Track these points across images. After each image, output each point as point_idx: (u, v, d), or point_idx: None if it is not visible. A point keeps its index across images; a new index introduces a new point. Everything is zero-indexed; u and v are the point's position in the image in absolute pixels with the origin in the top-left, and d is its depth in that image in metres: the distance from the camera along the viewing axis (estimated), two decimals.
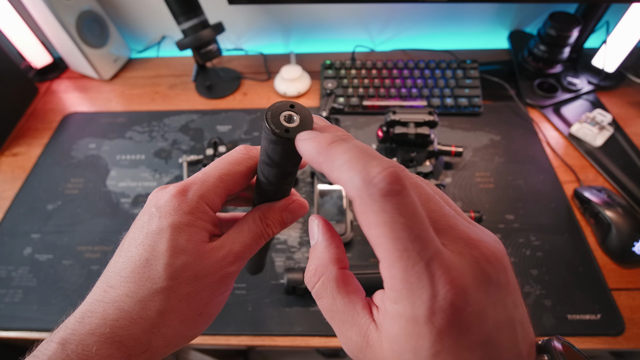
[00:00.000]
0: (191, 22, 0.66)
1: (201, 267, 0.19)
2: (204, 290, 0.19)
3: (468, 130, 0.69)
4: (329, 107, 0.66)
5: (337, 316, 0.16)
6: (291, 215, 0.22)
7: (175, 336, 0.19)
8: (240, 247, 0.20)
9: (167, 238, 0.19)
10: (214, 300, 0.20)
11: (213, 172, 0.21)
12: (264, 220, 0.22)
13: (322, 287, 0.17)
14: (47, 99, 0.80)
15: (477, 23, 0.84)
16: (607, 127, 0.66)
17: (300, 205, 0.23)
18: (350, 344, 0.16)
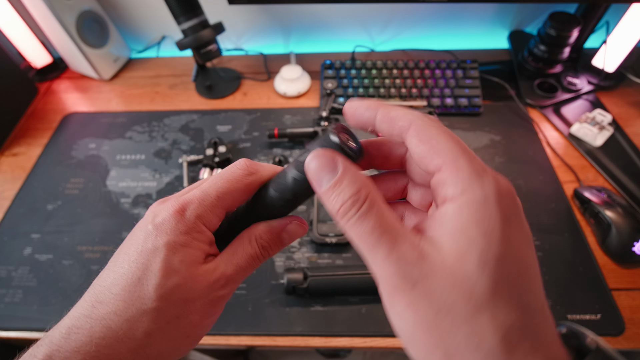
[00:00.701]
0: (191, 22, 0.66)
1: (192, 290, 0.19)
2: (194, 314, 0.19)
3: (468, 130, 0.69)
4: (329, 107, 0.66)
5: (386, 235, 0.15)
6: (289, 237, 0.22)
7: (160, 356, 0.19)
8: (233, 270, 0.20)
9: (162, 258, 0.18)
10: (203, 323, 0.20)
11: (212, 190, 0.20)
12: (260, 241, 0.21)
13: (369, 206, 0.16)
14: (47, 99, 0.80)
15: (477, 23, 0.84)
16: (607, 127, 0.66)
17: (299, 225, 0.22)
18: (402, 261, 0.15)
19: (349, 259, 0.54)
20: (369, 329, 0.48)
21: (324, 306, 0.50)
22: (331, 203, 0.16)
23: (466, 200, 0.14)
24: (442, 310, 0.14)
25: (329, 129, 0.17)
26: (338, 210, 0.16)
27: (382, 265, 0.15)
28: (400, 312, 0.15)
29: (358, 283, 0.48)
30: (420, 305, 0.14)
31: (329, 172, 0.16)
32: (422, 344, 0.15)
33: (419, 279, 0.14)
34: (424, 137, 0.16)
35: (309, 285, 0.48)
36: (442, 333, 0.14)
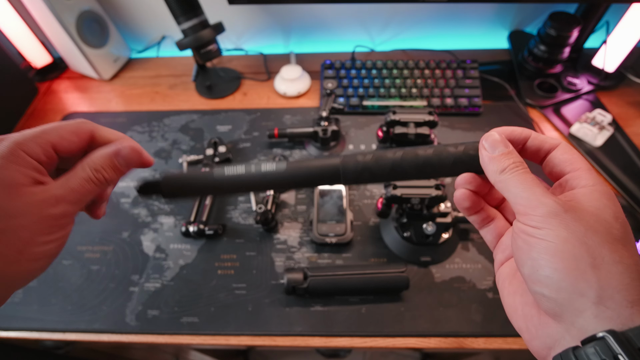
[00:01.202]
0: (191, 22, 0.66)
1: (14, 206, 0.19)
2: (21, 230, 0.20)
3: (468, 130, 0.69)
4: (329, 107, 0.66)
5: (542, 183, 0.22)
6: (124, 161, 0.24)
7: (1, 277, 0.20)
8: (64, 191, 0.21)
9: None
10: (36, 239, 0.20)
11: (37, 127, 0.22)
12: (92, 165, 0.23)
13: (528, 169, 0.22)
14: (47, 99, 0.80)
15: (477, 23, 0.84)
16: (607, 127, 0.66)
17: (132, 150, 0.24)
18: (545, 207, 0.20)
19: (349, 259, 0.54)
20: (369, 329, 0.48)
21: (324, 306, 0.50)
22: (501, 162, 0.22)
23: (597, 189, 0.21)
24: (590, 230, 0.19)
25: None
26: (507, 167, 0.22)
27: (541, 197, 0.20)
28: (551, 231, 0.20)
29: (358, 283, 0.48)
30: (571, 224, 0.19)
31: (503, 146, 0.23)
32: (569, 253, 0.19)
33: (571, 208, 0.20)
34: (567, 151, 0.23)
35: (309, 285, 0.48)
36: (590, 247, 0.19)
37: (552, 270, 0.19)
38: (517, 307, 0.23)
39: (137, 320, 0.50)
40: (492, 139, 0.24)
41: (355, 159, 0.26)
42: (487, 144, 0.24)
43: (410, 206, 0.52)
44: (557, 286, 0.19)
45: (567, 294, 0.19)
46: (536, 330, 0.21)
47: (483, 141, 0.24)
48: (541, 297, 0.20)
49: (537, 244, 0.20)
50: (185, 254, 0.56)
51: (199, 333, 0.49)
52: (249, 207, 0.60)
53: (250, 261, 0.55)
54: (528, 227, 0.20)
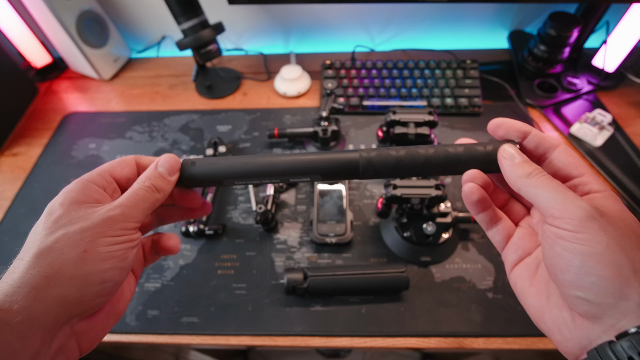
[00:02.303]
0: (191, 22, 0.66)
1: (77, 215, 0.22)
2: (84, 231, 0.22)
3: (468, 130, 0.69)
4: (329, 107, 0.66)
5: (568, 190, 0.22)
6: (164, 168, 0.27)
7: (61, 272, 0.21)
8: (122, 200, 0.24)
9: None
10: (99, 240, 0.22)
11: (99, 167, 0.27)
12: (141, 177, 0.26)
13: (543, 171, 0.23)
14: (47, 99, 0.80)
15: (477, 23, 0.84)
16: (607, 127, 0.66)
17: (168, 156, 0.27)
18: (588, 199, 0.21)
19: (349, 259, 0.54)
20: (369, 329, 0.48)
21: (324, 306, 0.50)
22: (525, 168, 0.23)
23: (609, 194, 0.22)
24: (624, 234, 0.20)
25: (506, 142, 0.26)
26: (532, 171, 0.23)
27: (576, 200, 0.21)
28: (591, 236, 0.20)
29: (358, 283, 0.48)
30: (609, 228, 0.20)
31: (520, 155, 0.24)
32: (613, 259, 0.19)
33: (604, 212, 0.20)
34: (570, 154, 0.24)
35: (309, 285, 0.48)
36: (629, 251, 0.19)
37: (598, 278, 0.19)
38: (544, 310, 0.23)
39: (137, 320, 0.50)
40: (510, 151, 0.25)
41: (388, 152, 0.27)
42: (507, 155, 0.24)
43: (410, 206, 0.52)
44: (604, 292, 0.19)
45: (613, 299, 0.19)
46: (570, 332, 0.21)
47: (501, 152, 0.25)
48: (583, 301, 0.20)
49: (579, 249, 0.20)
50: (185, 254, 0.56)
51: (199, 333, 0.49)
52: (249, 207, 0.60)
53: (250, 261, 0.55)
54: (564, 232, 0.20)
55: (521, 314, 0.49)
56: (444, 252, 0.54)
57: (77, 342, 0.22)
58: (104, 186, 0.25)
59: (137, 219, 0.24)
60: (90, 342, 0.23)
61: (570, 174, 0.23)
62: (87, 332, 0.23)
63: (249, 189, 0.62)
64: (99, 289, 0.22)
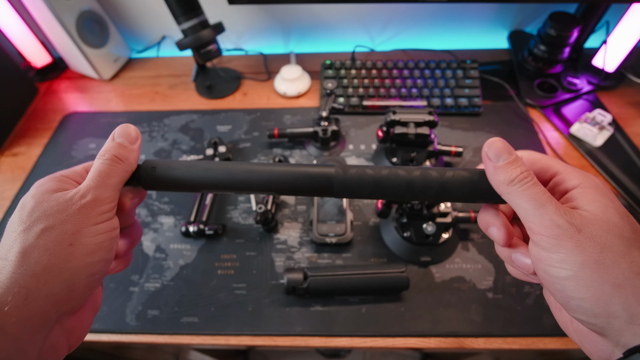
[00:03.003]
0: (191, 22, 0.66)
1: (50, 206, 0.21)
2: (64, 224, 0.21)
3: (468, 130, 0.69)
4: (329, 107, 0.66)
5: (551, 198, 0.21)
6: (120, 136, 0.25)
7: (50, 269, 0.20)
8: (87, 182, 0.23)
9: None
10: (82, 231, 0.21)
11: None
12: (100, 152, 0.25)
13: (536, 180, 0.21)
14: (47, 99, 0.80)
15: (477, 23, 0.84)
16: (607, 127, 0.66)
17: (123, 125, 0.26)
18: (569, 214, 0.20)
19: (349, 259, 0.54)
20: (369, 329, 0.48)
21: (324, 306, 0.50)
22: (508, 173, 0.21)
23: (588, 185, 0.21)
24: (604, 248, 0.19)
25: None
26: (515, 178, 0.21)
27: (554, 216, 0.20)
28: (565, 256, 0.19)
29: (358, 283, 0.48)
30: (586, 246, 0.19)
31: (507, 153, 0.22)
32: (590, 280, 0.19)
33: (583, 226, 0.19)
34: (535, 160, 0.23)
35: (309, 285, 0.48)
36: (608, 267, 0.18)
37: (580, 300, 0.19)
38: (567, 324, 0.23)
39: (137, 320, 0.50)
40: (495, 145, 0.22)
41: (353, 170, 0.24)
42: (491, 152, 0.22)
43: (410, 206, 0.52)
44: (591, 313, 0.19)
45: (602, 319, 0.19)
46: (590, 346, 0.21)
47: (486, 148, 0.23)
48: (581, 322, 0.20)
49: (557, 274, 0.20)
50: (185, 254, 0.56)
51: (199, 333, 0.49)
52: (249, 207, 0.60)
53: (250, 261, 0.55)
54: (543, 252, 0.20)
55: (521, 314, 0.49)
56: (444, 252, 0.54)
57: (67, 339, 0.22)
58: (77, 180, 0.25)
59: (110, 198, 0.23)
60: (78, 337, 0.23)
61: (544, 179, 0.23)
62: (76, 328, 0.22)
63: None
64: (86, 283, 0.21)
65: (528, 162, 0.23)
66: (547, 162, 0.23)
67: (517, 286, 0.51)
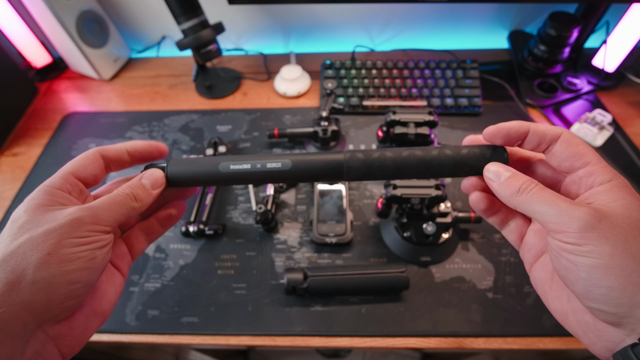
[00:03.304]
0: (191, 22, 0.66)
1: (40, 219, 0.22)
2: (49, 234, 0.21)
3: (468, 130, 0.69)
4: (329, 107, 0.66)
5: (562, 196, 0.21)
6: (149, 180, 0.26)
7: (23, 277, 0.20)
8: (92, 201, 0.24)
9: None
10: (64, 241, 0.21)
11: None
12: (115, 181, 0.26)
13: (541, 185, 0.22)
14: (47, 99, 0.80)
15: (477, 23, 0.84)
16: (607, 127, 0.66)
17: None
18: (585, 206, 0.20)
19: (349, 259, 0.54)
20: (369, 329, 0.48)
21: (324, 306, 0.50)
22: (512, 185, 0.22)
23: (616, 184, 0.21)
24: (629, 236, 0.19)
25: (492, 149, 0.25)
26: (520, 187, 0.22)
27: (570, 210, 0.20)
28: (594, 247, 0.19)
29: (358, 283, 0.48)
30: (611, 235, 0.19)
31: (505, 171, 0.23)
32: (620, 268, 0.19)
33: (603, 216, 0.19)
34: (572, 144, 0.22)
35: (309, 285, 0.48)
36: (635, 254, 0.19)
37: (607, 289, 0.19)
38: (567, 314, 0.23)
39: (137, 320, 0.50)
40: (493, 169, 0.24)
41: (360, 155, 0.26)
42: (491, 175, 0.24)
43: (410, 206, 0.52)
44: (616, 302, 0.19)
45: (626, 308, 0.18)
46: (595, 336, 0.21)
47: (486, 173, 0.24)
48: (598, 312, 0.20)
49: (584, 262, 0.19)
50: (185, 254, 0.56)
51: (199, 333, 0.49)
52: (249, 207, 0.60)
53: (250, 261, 0.55)
54: (567, 245, 0.20)
55: (521, 314, 0.49)
56: (444, 252, 0.54)
57: (55, 347, 0.22)
58: (69, 190, 0.24)
59: (107, 223, 0.23)
60: (72, 345, 0.23)
61: (574, 165, 0.22)
62: (65, 335, 0.22)
63: (249, 188, 0.62)
64: (66, 292, 0.21)
65: (566, 145, 0.23)
66: (583, 150, 0.22)
67: (517, 286, 0.51)
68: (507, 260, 0.53)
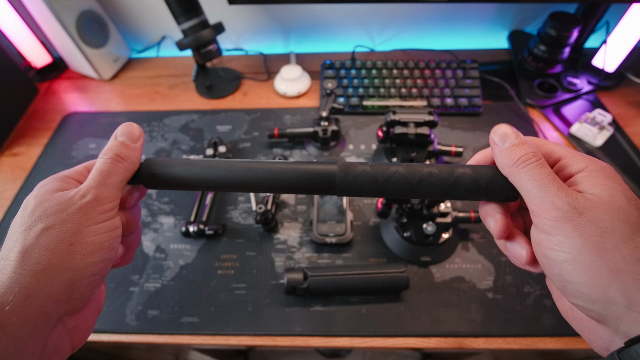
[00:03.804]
0: (191, 22, 0.66)
1: (49, 206, 0.21)
2: (64, 224, 0.21)
3: (468, 130, 0.69)
4: (329, 107, 0.66)
5: (556, 178, 0.20)
6: (122, 134, 0.26)
7: (50, 269, 0.20)
8: (88, 182, 0.23)
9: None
10: (82, 230, 0.21)
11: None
12: (102, 152, 0.25)
13: (543, 160, 0.21)
14: (47, 99, 0.80)
15: (477, 23, 0.84)
16: (607, 127, 0.66)
17: (124, 124, 0.26)
18: (571, 195, 0.19)
19: (349, 259, 0.54)
20: (369, 329, 0.48)
21: (324, 306, 0.50)
22: (512, 154, 0.21)
23: (593, 168, 0.20)
24: (606, 232, 0.18)
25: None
26: (519, 158, 0.21)
27: (555, 197, 0.19)
28: (564, 239, 0.19)
29: (358, 283, 0.48)
30: (586, 229, 0.18)
31: (514, 136, 0.22)
32: (588, 264, 0.18)
33: (585, 209, 0.19)
34: (538, 145, 0.23)
35: (309, 285, 0.48)
36: (608, 251, 0.18)
37: (577, 284, 0.19)
38: (567, 312, 0.23)
39: (137, 320, 0.50)
40: (501, 130, 0.23)
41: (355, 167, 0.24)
42: (497, 137, 0.23)
43: (410, 206, 0.52)
44: (589, 298, 0.18)
45: (600, 304, 0.18)
46: (589, 334, 0.21)
47: (492, 134, 0.23)
48: (579, 307, 0.20)
49: (555, 257, 0.19)
50: (185, 254, 0.56)
51: (199, 333, 0.49)
52: (249, 207, 0.60)
53: (250, 261, 0.55)
54: (542, 235, 0.20)
55: (521, 314, 0.49)
56: (444, 252, 0.54)
57: (70, 338, 0.22)
58: (79, 179, 0.25)
59: (111, 197, 0.23)
60: (82, 337, 0.23)
61: (551, 159, 0.22)
62: (79, 327, 0.23)
63: None
64: (87, 282, 0.21)
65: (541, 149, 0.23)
66: (549, 147, 0.22)
67: (517, 286, 0.51)
68: (507, 260, 0.53)
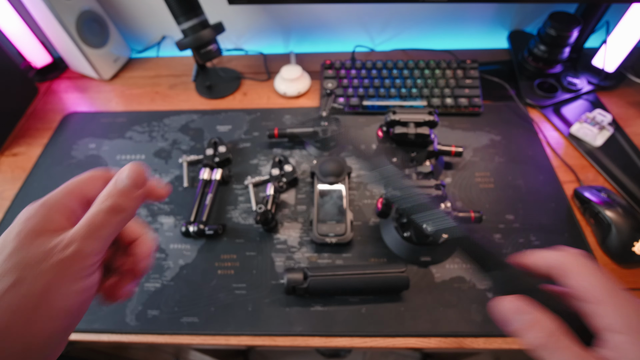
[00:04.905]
0: (191, 22, 0.66)
1: (29, 254, 0.19)
2: (38, 278, 0.19)
3: (468, 130, 0.69)
4: (329, 107, 0.66)
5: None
6: (128, 180, 0.22)
7: (7, 331, 0.18)
8: (77, 229, 0.21)
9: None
10: (55, 290, 0.19)
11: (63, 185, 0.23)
12: (99, 197, 0.22)
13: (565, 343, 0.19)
14: (47, 99, 0.80)
15: (477, 23, 0.84)
16: (607, 127, 0.66)
17: (131, 168, 0.23)
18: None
19: (349, 259, 0.54)
20: (369, 329, 0.48)
21: (324, 306, 0.50)
22: (529, 338, 0.20)
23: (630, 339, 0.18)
24: None
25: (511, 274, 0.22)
26: (547, 344, 0.19)
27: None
28: None
29: (358, 283, 0.48)
30: None
31: (523, 312, 0.20)
32: None
33: None
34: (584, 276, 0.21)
35: (309, 285, 0.48)
36: None
37: None
38: None
39: (137, 320, 0.50)
40: (508, 304, 0.21)
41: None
42: (504, 309, 0.21)
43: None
44: None
45: None
46: None
47: (497, 302, 0.21)
48: None
49: None
50: (185, 254, 0.56)
51: (199, 333, 0.49)
52: (249, 207, 0.60)
53: (250, 261, 0.55)
54: None
55: None
56: (444, 252, 0.54)
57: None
58: (74, 209, 0.22)
59: (95, 251, 0.20)
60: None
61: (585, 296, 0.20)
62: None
63: (249, 188, 0.62)
64: (45, 345, 0.20)
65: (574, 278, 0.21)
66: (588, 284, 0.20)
67: None
68: None
